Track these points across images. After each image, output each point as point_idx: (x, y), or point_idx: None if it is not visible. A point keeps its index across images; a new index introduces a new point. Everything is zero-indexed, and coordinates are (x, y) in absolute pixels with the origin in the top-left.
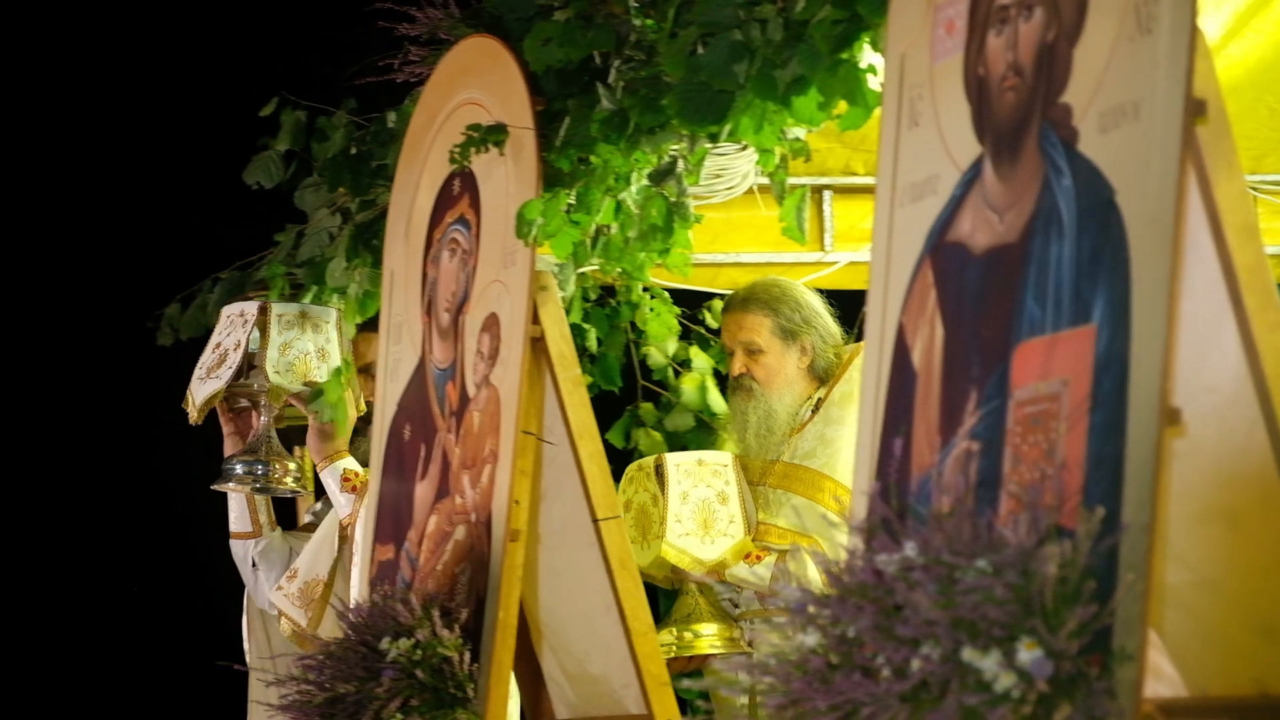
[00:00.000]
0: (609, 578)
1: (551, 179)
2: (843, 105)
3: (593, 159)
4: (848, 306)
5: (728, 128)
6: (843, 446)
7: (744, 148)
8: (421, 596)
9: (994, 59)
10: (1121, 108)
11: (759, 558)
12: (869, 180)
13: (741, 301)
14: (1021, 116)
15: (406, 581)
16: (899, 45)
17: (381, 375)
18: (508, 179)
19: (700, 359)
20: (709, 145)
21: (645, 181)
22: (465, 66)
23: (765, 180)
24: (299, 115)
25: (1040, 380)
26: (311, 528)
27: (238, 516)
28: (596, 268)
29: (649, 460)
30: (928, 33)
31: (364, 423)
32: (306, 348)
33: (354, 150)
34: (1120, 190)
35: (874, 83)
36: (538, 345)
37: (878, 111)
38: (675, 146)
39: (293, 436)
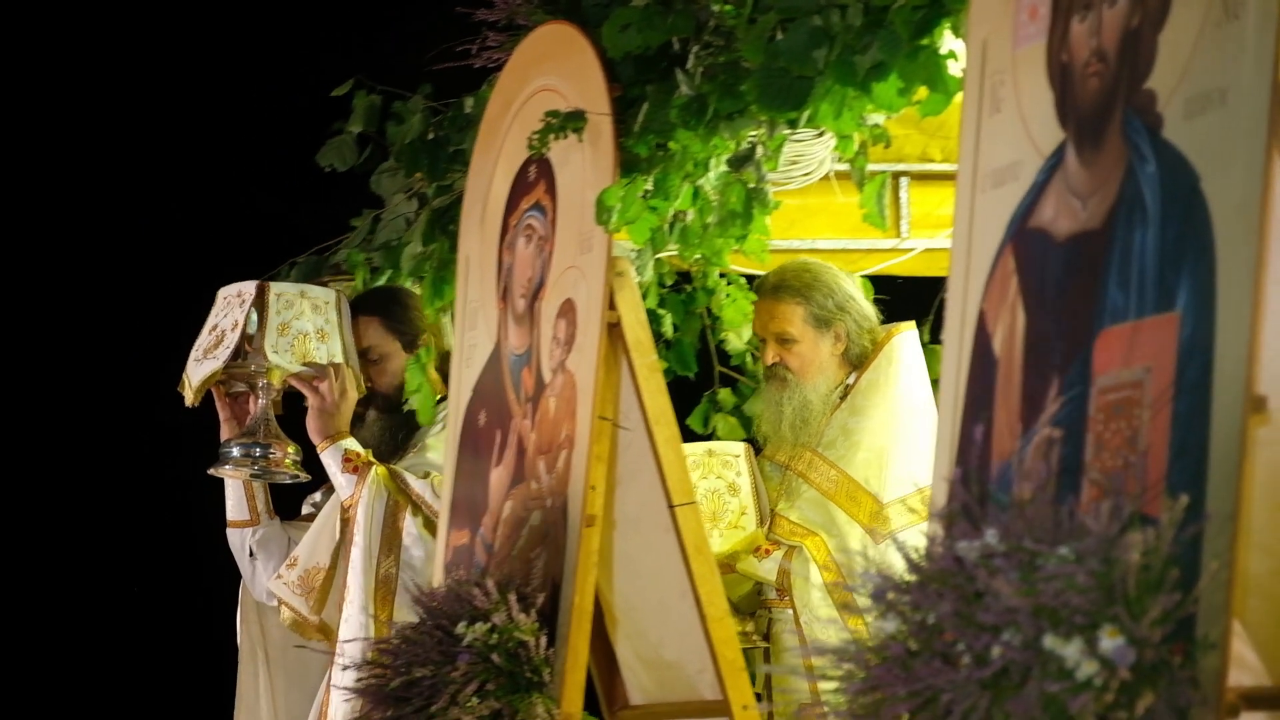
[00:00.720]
0: (684, 563)
1: (629, 165)
2: (923, 91)
3: (671, 145)
4: (924, 293)
5: (807, 113)
6: (862, 439)
7: (821, 134)
8: (497, 581)
9: (1077, 45)
10: (1207, 94)
11: (768, 551)
12: (946, 167)
13: (773, 289)
14: (1105, 103)
15: (482, 566)
16: (981, 31)
17: (457, 361)
18: (585, 165)
19: None
20: (788, 131)
21: (724, 167)
22: (542, 53)
23: (842, 166)
24: (373, 99)
25: (1123, 367)
26: (311, 519)
27: (235, 504)
28: (674, 253)
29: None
30: (1010, 18)
31: (363, 406)
32: (305, 328)
33: (431, 135)
34: (1206, 177)
35: (954, 68)
36: (614, 331)
37: (957, 98)
38: (754, 132)
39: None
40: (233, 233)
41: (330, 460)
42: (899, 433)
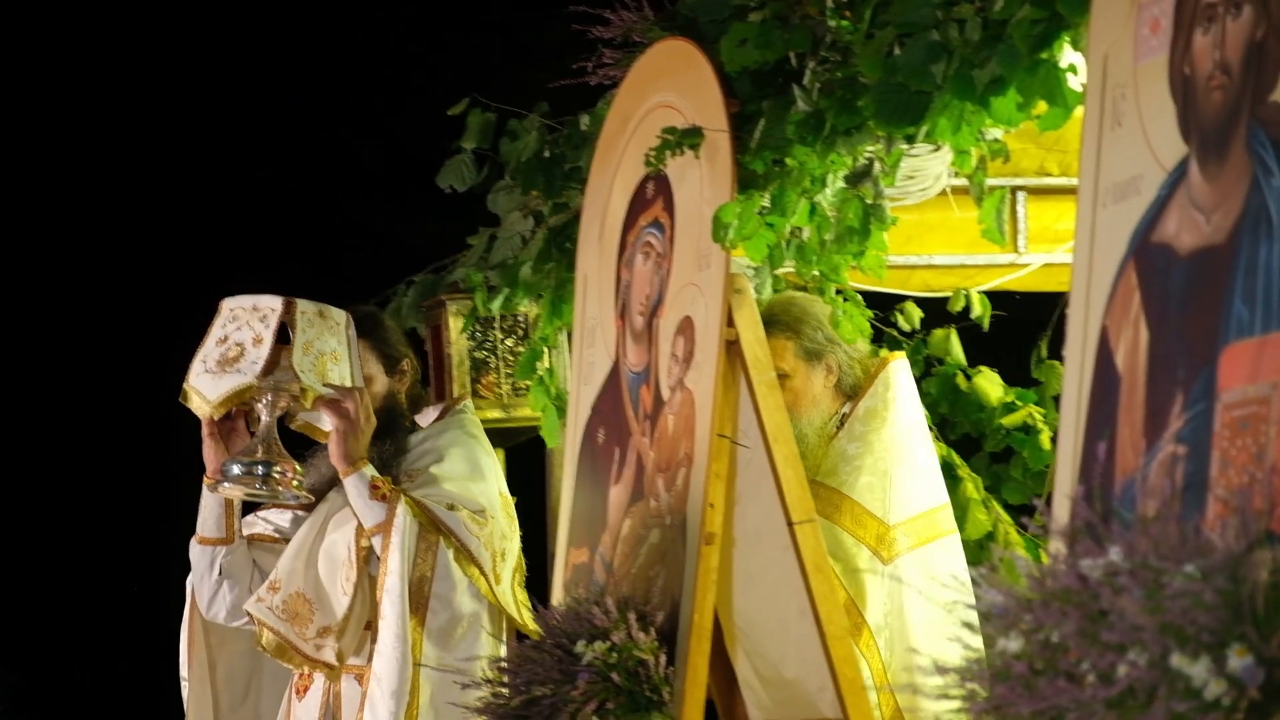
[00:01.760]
0: (804, 581)
1: (746, 181)
2: (1041, 105)
3: (788, 161)
4: (1041, 309)
5: (925, 129)
6: (864, 464)
7: (938, 149)
8: (617, 599)
9: (1200, 58)
10: None
11: None
12: (1064, 181)
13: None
14: (1229, 116)
15: (600, 585)
16: (1101, 45)
17: (575, 379)
18: (702, 182)
19: None
20: (905, 146)
21: (841, 183)
22: (659, 70)
23: (958, 181)
24: (488, 116)
25: (1249, 383)
26: (265, 539)
27: (213, 521)
28: (790, 270)
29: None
30: (1131, 32)
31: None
32: (324, 349)
33: (547, 153)
34: None
35: (1074, 82)
36: (732, 348)
37: (1076, 111)
38: (871, 148)
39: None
40: (344, 250)
41: (355, 486)
42: (901, 456)
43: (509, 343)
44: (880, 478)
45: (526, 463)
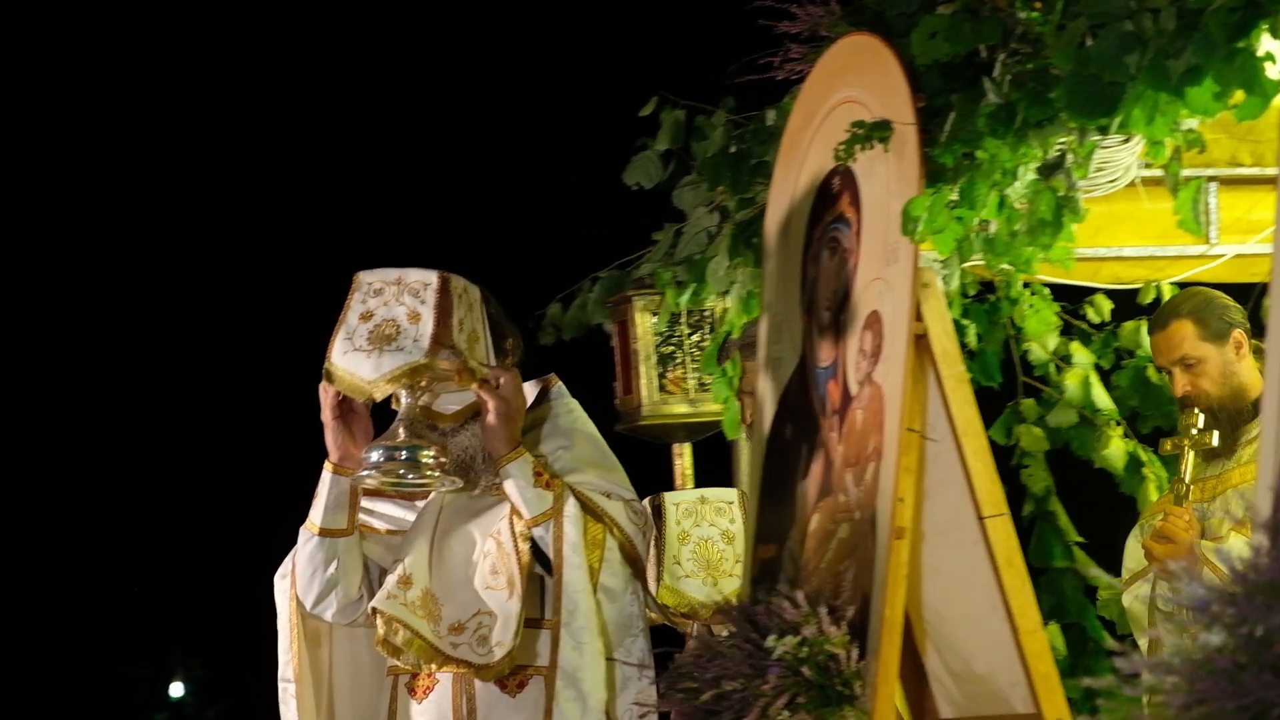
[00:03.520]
0: (995, 575)
1: (933, 175)
2: (1239, 95)
3: (978, 154)
4: (1235, 299)
5: (1118, 120)
6: None
7: (1127, 140)
8: (807, 594)
9: None
10: None
11: None
12: (1257, 171)
13: (740, 349)
14: None
15: (789, 579)
16: None
17: (762, 374)
18: (889, 176)
19: (1081, 354)
20: (1098, 138)
21: (1032, 175)
22: (844, 65)
23: (1148, 172)
24: (678, 115)
25: None
26: (370, 529)
27: (336, 510)
28: (979, 263)
29: (647, 500)
30: None
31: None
32: (471, 326)
33: (733, 149)
34: None
35: (1272, 71)
36: (921, 342)
37: (1275, 100)
38: (1063, 140)
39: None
40: (527, 247)
41: (519, 472)
42: None
43: (695, 337)
44: None
45: (713, 456)
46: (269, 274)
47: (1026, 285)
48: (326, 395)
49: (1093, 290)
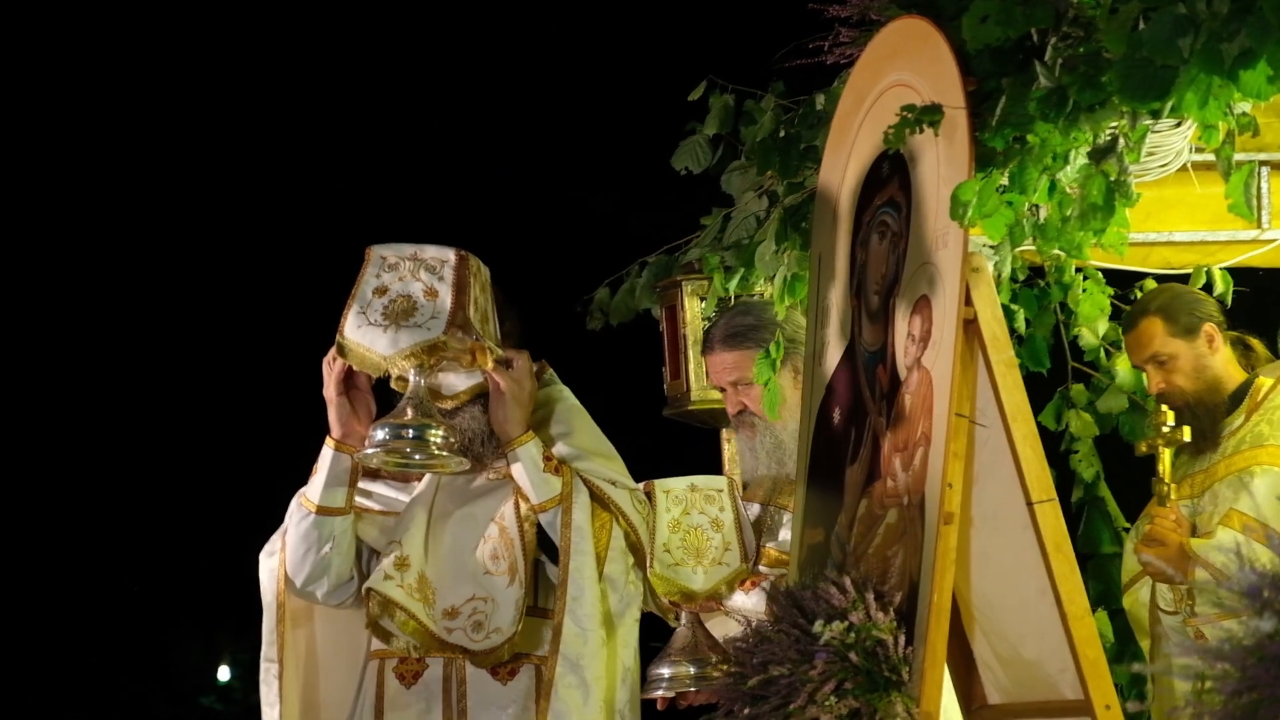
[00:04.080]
0: (1044, 561)
1: (984, 159)
2: None
3: (1029, 138)
4: None
5: (1170, 104)
6: None
7: (1179, 124)
8: (854, 579)
9: None
10: None
11: (754, 584)
12: None
13: (722, 340)
14: None
15: (837, 565)
16: None
17: (809, 359)
18: (939, 160)
19: None
20: (1150, 122)
21: (1083, 160)
22: (894, 49)
23: (1200, 157)
24: (727, 99)
25: None
26: (366, 510)
27: (335, 488)
28: (1029, 248)
29: (641, 486)
30: None
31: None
32: (484, 306)
33: (782, 133)
34: None
35: None
36: (970, 327)
37: None
38: (1115, 124)
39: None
40: (575, 232)
41: (529, 456)
42: None
43: None
44: None
45: None
46: (293, 259)
47: (1079, 270)
48: (332, 370)
49: (1143, 275)
